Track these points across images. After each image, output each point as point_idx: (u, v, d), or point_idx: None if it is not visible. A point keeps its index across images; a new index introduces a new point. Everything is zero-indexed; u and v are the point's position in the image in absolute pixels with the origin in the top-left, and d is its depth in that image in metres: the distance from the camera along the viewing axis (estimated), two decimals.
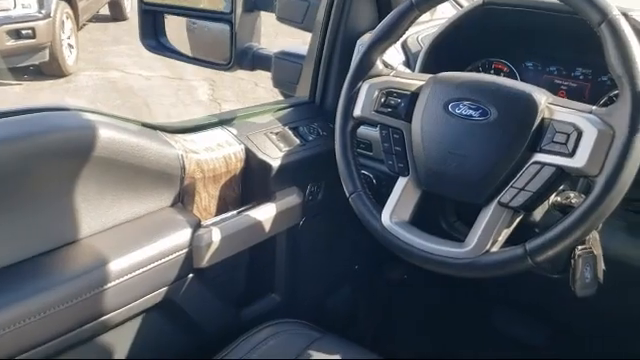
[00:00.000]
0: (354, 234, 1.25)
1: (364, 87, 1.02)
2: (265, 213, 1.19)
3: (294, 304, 1.37)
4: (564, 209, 0.93)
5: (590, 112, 0.83)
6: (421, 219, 0.97)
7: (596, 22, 0.81)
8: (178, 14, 1.66)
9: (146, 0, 1.61)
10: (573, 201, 0.93)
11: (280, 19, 1.57)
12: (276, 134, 1.28)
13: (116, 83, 5.62)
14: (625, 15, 0.96)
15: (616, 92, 0.79)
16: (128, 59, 6.17)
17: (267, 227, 1.20)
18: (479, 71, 1.29)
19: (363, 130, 1.24)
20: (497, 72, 1.28)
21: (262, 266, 1.31)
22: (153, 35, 1.63)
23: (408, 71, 1.21)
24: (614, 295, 1.01)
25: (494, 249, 0.87)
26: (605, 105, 1.10)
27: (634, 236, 1.04)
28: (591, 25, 0.82)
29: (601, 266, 0.93)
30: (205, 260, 1.08)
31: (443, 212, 1.22)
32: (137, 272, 0.98)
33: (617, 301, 1.08)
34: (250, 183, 1.22)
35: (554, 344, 1.54)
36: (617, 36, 0.80)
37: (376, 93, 1.01)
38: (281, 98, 1.64)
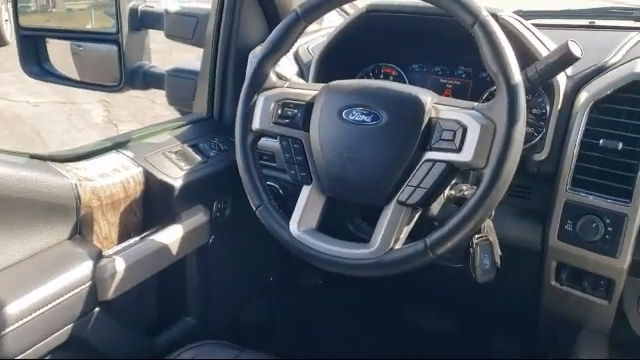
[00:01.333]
0: (266, 246, 1.25)
1: (260, 100, 1.03)
2: (171, 235, 1.16)
3: (210, 324, 1.34)
4: (459, 201, 0.98)
5: (472, 108, 0.88)
6: (329, 224, 0.99)
7: (469, 23, 0.86)
8: (61, 38, 1.59)
9: (24, 25, 1.52)
10: (466, 193, 0.98)
11: (169, 36, 1.54)
12: (175, 153, 1.25)
13: (1, 112, 5.26)
14: (495, 16, 1.03)
15: (495, 88, 0.85)
16: (12, 86, 5.79)
17: (174, 250, 1.17)
18: (370, 77, 1.33)
19: (265, 142, 1.24)
20: (386, 76, 1.33)
21: (173, 290, 1.28)
22: (35, 61, 1.55)
23: (302, 81, 1.22)
24: (510, 277, 1.07)
25: (397, 246, 0.90)
26: (487, 100, 1.18)
27: (523, 219, 1.11)
28: (465, 26, 0.88)
29: (497, 252, 0.98)
30: (110, 292, 1.04)
31: (349, 215, 1.25)
32: (38, 312, 0.93)
33: (512, 282, 1.15)
34: (152, 206, 1.19)
35: (465, 330, 1.62)
36: (489, 36, 0.85)
37: (272, 105, 1.01)
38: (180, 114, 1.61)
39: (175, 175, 1.19)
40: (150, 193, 1.17)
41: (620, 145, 0.97)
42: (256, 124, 1.02)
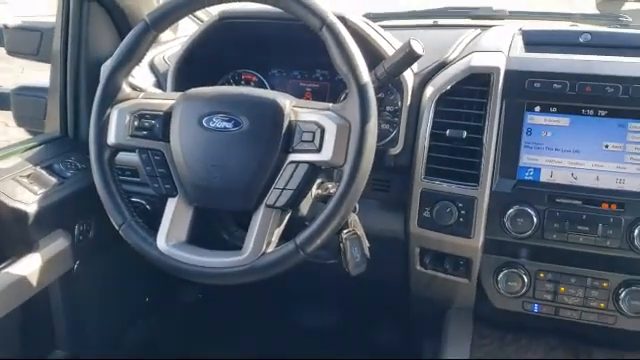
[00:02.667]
0: (137, 265, 1.19)
1: (114, 113, 0.98)
2: (28, 266, 1.08)
3: (84, 355, 1.26)
4: (326, 199, 1.01)
5: (328, 109, 0.91)
6: (203, 235, 0.97)
7: (317, 27, 0.89)
8: None
9: None
10: (331, 191, 1.01)
11: (11, 53, 1.43)
12: (27, 177, 1.16)
13: None
14: (342, 18, 1.07)
15: None
16: None
17: (34, 280, 1.09)
18: (230, 84, 1.33)
19: (125, 156, 1.19)
20: (247, 82, 1.33)
21: (38, 323, 1.19)
22: None
23: (159, 91, 1.19)
24: (381, 266, 1.12)
25: (269, 250, 0.91)
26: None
27: (386, 211, 1.17)
28: (314, 30, 0.90)
29: (366, 244, 1.02)
30: None
31: (223, 224, 1.23)
32: None
33: (384, 271, 1.20)
34: (4, 236, 1.09)
35: (348, 323, 1.67)
36: (336, 38, 0.88)
37: (128, 117, 0.98)
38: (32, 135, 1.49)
39: (28, 200, 1.11)
40: (1, 223, 1.08)
41: (464, 134, 1.05)
42: (112, 138, 0.98)
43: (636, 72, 1.00)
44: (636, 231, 0.96)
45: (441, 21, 1.61)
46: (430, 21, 1.61)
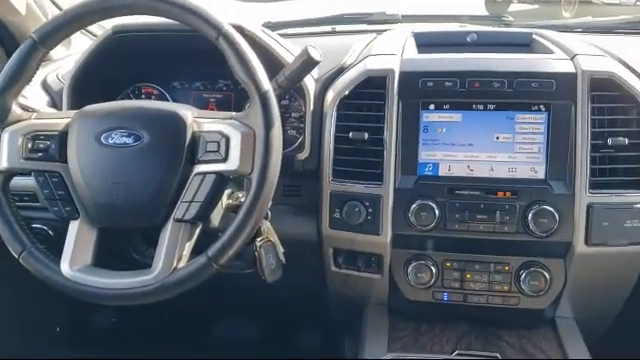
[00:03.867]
0: (44, 294, 1.13)
1: (4, 136, 0.93)
2: None
3: None
4: (236, 209, 1.00)
5: (231, 118, 0.91)
6: (112, 257, 0.94)
7: (213, 37, 0.89)
8: None
9: None
10: (242, 200, 1.00)
11: None
12: None
13: None
14: (240, 28, 1.08)
15: None
16: None
17: None
18: (130, 98, 1.30)
19: (21, 181, 1.12)
20: (148, 96, 1.30)
21: None
22: None
23: (53, 111, 1.14)
24: (298, 271, 1.14)
25: (181, 265, 0.89)
26: None
27: (298, 215, 1.18)
28: (211, 40, 0.90)
29: (280, 250, 1.03)
30: None
31: (132, 243, 1.20)
32: None
33: (301, 275, 1.22)
34: None
35: (272, 331, 1.66)
36: (234, 48, 0.89)
37: (20, 140, 0.93)
38: None
39: None
40: None
41: (366, 135, 1.08)
42: (4, 163, 0.92)
43: (519, 67, 1.07)
44: (530, 215, 1.03)
45: (339, 27, 1.66)
46: (328, 28, 1.66)
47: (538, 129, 1.05)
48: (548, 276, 1.07)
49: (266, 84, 0.89)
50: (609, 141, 1.02)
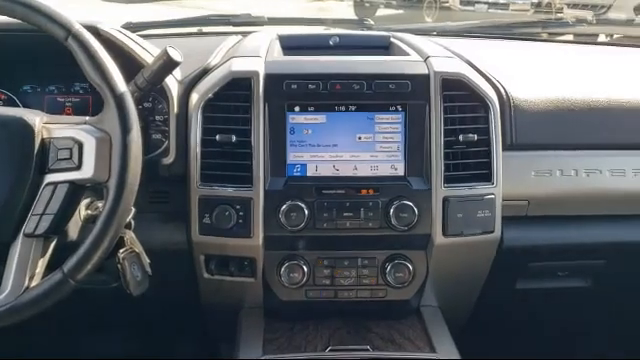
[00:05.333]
0: None
1: None
2: None
3: None
4: (95, 220, 0.95)
5: (85, 123, 0.86)
6: None
7: (62, 37, 0.84)
8: None
9: None
10: (102, 210, 0.95)
11: None
12: None
13: None
14: (93, 28, 1.03)
15: None
16: None
17: None
18: None
19: None
20: None
21: None
22: None
23: None
24: (169, 280, 1.10)
25: (34, 283, 0.83)
26: None
27: (167, 223, 1.15)
28: (60, 41, 0.84)
29: (146, 261, 0.99)
30: None
31: None
32: None
33: (172, 285, 1.18)
34: None
35: (144, 344, 1.60)
36: (85, 48, 0.84)
37: None
38: None
39: None
40: None
41: (234, 138, 1.07)
42: None
43: (376, 69, 1.12)
44: (391, 211, 1.07)
45: (205, 29, 1.63)
46: (195, 29, 1.62)
47: (396, 128, 1.10)
48: (411, 267, 1.12)
49: (121, 86, 0.85)
50: (460, 138, 1.09)
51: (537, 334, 1.53)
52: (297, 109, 1.09)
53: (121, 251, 0.96)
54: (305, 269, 1.11)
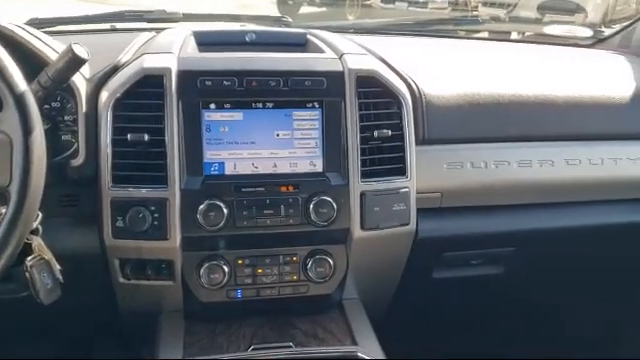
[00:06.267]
0: None
1: None
2: None
3: None
4: None
5: None
6: None
7: None
8: None
9: None
10: (3, 217, 0.90)
11: None
12: None
13: None
14: None
15: None
16: None
17: None
18: None
19: None
20: None
21: None
22: None
23: None
24: (83, 287, 1.05)
25: None
26: None
27: (78, 227, 1.10)
28: None
29: (56, 267, 0.94)
30: None
31: None
32: None
33: (87, 292, 1.13)
34: None
35: (59, 355, 1.53)
36: None
37: None
38: None
39: None
40: None
41: (146, 137, 1.04)
42: None
43: (293, 66, 1.12)
44: (311, 207, 1.08)
45: (118, 25, 1.58)
46: (107, 25, 1.57)
47: (314, 125, 1.10)
48: (332, 262, 1.13)
49: (21, 85, 0.81)
50: (375, 133, 1.11)
51: (454, 321, 1.58)
52: (213, 106, 1.07)
53: (29, 258, 0.92)
54: (226, 269, 1.10)
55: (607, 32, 1.75)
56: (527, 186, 1.26)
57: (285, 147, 1.10)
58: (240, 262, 1.12)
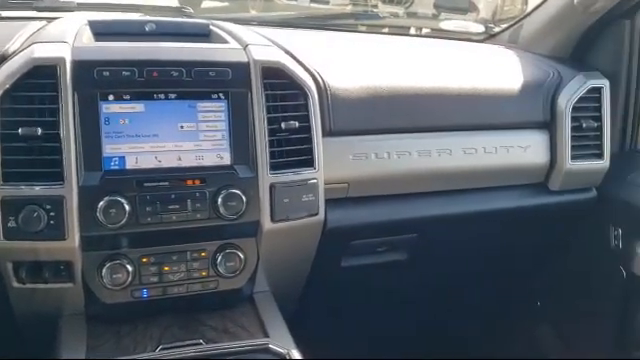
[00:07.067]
0: None
1: None
2: None
3: None
4: None
5: None
6: None
7: None
8: None
9: None
10: None
11: None
12: None
13: None
14: None
15: None
16: None
17: None
18: None
19: None
20: None
21: None
22: None
23: None
24: None
25: None
26: None
27: None
28: None
29: None
30: None
31: None
32: None
33: None
34: None
35: None
36: None
37: None
38: None
39: None
40: None
41: (39, 131, 0.98)
42: None
43: (196, 56, 1.09)
44: (219, 200, 1.06)
45: (4, 13, 1.47)
46: None
47: (220, 117, 1.08)
48: (242, 256, 1.12)
49: None
50: (283, 125, 1.11)
51: (364, 309, 1.62)
52: (111, 98, 1.02)
53: None
54: (129, 268, 1.05)
55: (497, 28, 1.85)
56: (427, 175, 1.31)
57: (190, 139, 1.07)
58: (145, 260, 1.08)
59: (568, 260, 1.64)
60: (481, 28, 1.92)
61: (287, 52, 1.23)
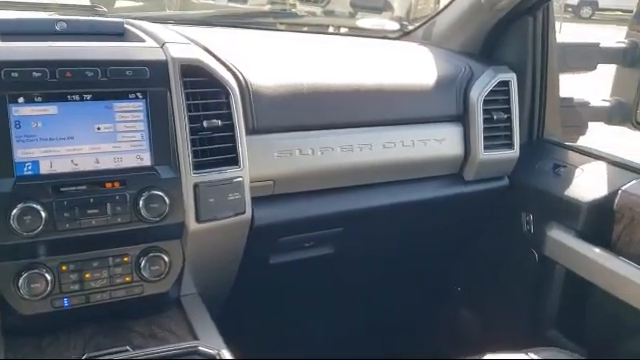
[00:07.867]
0: None
1: None
2: None
3: None
4: None
5: None
6: None
7: None
8: None
9: None
10: None
11: None
12: None
13: None
14: None
15: None
16: None
17: None
18: None
19: None
20: None
21: None
22: None
23: None
24: None
25: None
26: None
27: None
28: None
29: None
30: None
31: None
32: None
33: None
34: None
35: None
36: None
37: None
38: None
39: None
40: None
41: None
42: None
43: (111, 55, 1.06)
44: (141, 202, 1.03)
45: None
46: None
47: (138, 117, 1.06)
48: (167, 259, 1.10)
49: None
50: (205, 124, 1.10)
51: (295, 304, 1.64)
52: (21, 100, 0.98)
53: None
54: (48, 277, 1.01)
55: (411, 26, 1.91)
56: (350, 169, 1.34)
57: (108, 141, 1.04)
58: (64, 268, 1.04)
59: (484, 246, 1.72)
60: (396, 26, 1.98)
61: (206, 50, 1.22)
